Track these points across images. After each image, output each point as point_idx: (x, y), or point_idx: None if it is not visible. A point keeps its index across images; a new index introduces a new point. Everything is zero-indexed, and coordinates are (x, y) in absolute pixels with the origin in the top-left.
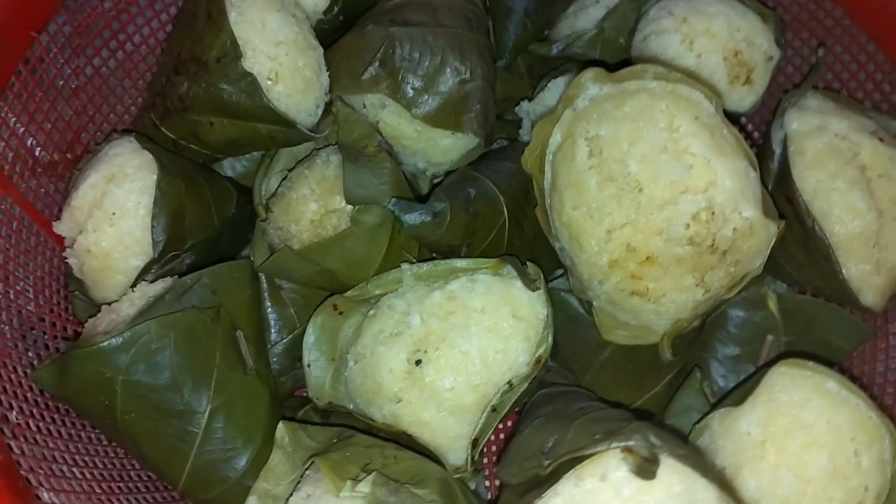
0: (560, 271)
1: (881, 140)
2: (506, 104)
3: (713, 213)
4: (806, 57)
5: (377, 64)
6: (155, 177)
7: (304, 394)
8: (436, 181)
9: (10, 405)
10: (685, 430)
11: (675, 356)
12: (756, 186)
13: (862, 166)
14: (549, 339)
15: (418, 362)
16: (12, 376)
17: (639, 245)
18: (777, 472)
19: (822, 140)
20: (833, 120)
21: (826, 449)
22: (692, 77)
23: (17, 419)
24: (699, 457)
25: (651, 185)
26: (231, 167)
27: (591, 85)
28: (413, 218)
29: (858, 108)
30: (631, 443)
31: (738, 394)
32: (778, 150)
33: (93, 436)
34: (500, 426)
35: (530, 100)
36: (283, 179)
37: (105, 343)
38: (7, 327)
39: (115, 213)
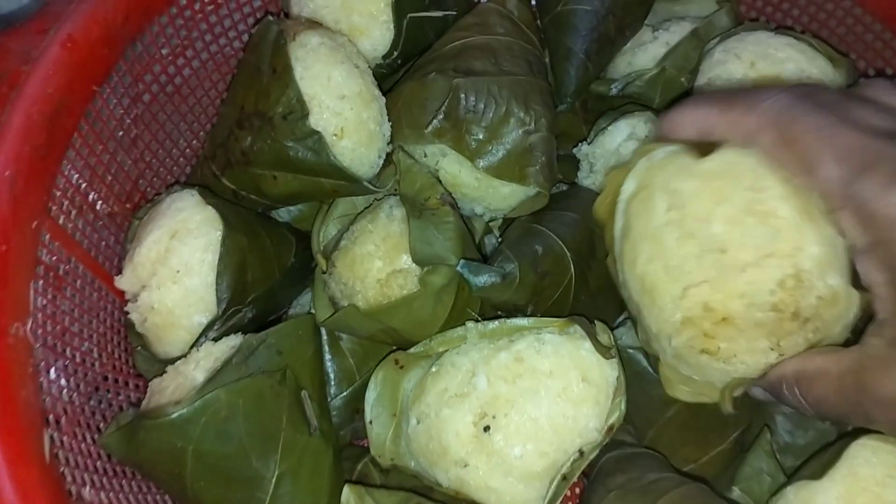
0: (623, 316)
1: None
2: (560, 139)
3: (800, 281)
4: None
5: (442, 116)
6: (219, 233)
7: (363, 443)
8: (490, 222)
9: (83, 480)
10: (755, 494)
11: (738, 412)
12: (842, 253)
13: None
14: (623, 406)
15: (486, 428)
16: (82, 445)
17: (717, 306)
18: None
19: None
20: None
21: None
22: None
23: (90, 495)
24: None
25: (736, 248)
26: (287, 211)
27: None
28: (482, 280)
29: None
30: None
31: (816, 465)
32: None
33: (158, 498)
34: (568, 493)
35: (589, 142)
36: (344, 230)
37: (176, 415)
38: (75, 393)
39: (180, 271)
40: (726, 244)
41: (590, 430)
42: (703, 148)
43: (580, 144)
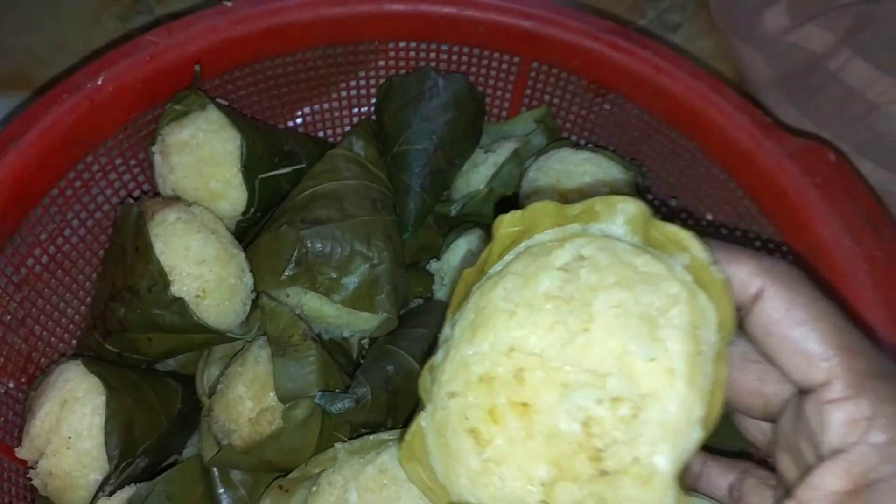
0: None
1: None
2: (421, 253)
3: (629, 423)
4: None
5: (293, 264)
6: (103, 397)
7: None
8: (363, 341)
9: None
10: None
11: None
12: (691, 448)
13: None
14: None
15: None
16: None
17: (531, 381)
18: None
19: None
20: None
21: None
22: None
23: None
24: None
25: (603, 336)
26: (173, 360)
27: (621, 224)
28: (338, 407)
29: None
30: None
31: None
32: None
33: None
34: None
35: (438, 258)
36: (221, 375)
37: None
38: None
39: (71, 437)
40: (597, 323)
41: None
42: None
43: (431, 261)
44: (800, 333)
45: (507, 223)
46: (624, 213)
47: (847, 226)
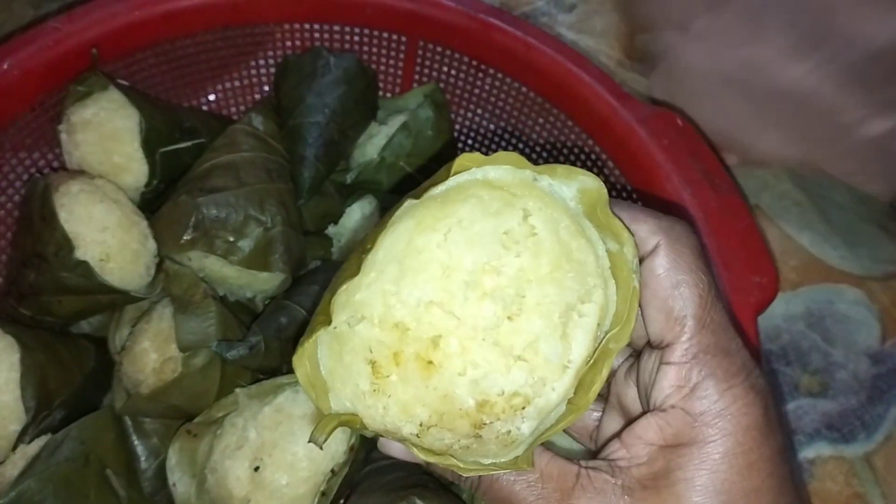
0: None
1: None
2: (323, 220)
3: (523, 408)
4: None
5: (191, 229)
6: (18, 355)
7: None
8: (267, 302)
9: None
10: None
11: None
12: (551, 421)
13: None
14: None
15: (257, 468)
16: None
17: (443, 354)
18: None
19: None
20: None
21: None
22: None
23: None
24: None
25: (521, 329)
26: (87, 323)
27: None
28: (233, 354)
29: None
30: None
31: None
32: None
33: None
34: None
35: (336, 223)
36: (130, 332)
37: None
38: None
39: None
40: (522, 315)
41: (339, 453)
42: None
43: (329, 226)
44: (669, 294)
45: (467, 159)
46: (580, 184)
47: (688, 181)
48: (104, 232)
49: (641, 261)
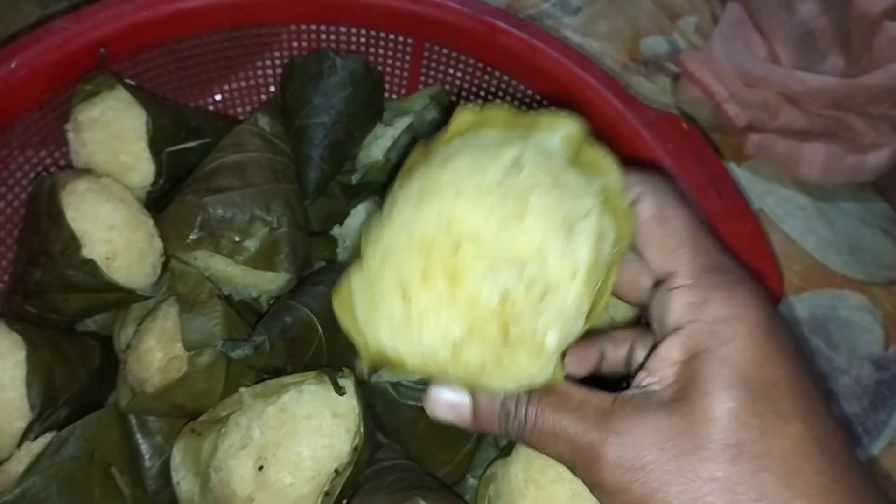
0: None
1: None
2: (328, 220)
3: (543, 296)
4: None
5: (198, 228)
6: (24, 352)
7: None
8: (272, 302)
9: None
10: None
11: None
12: (575, 334)
13: None
14: (362, 429)
15: (261, 468)
16: None
17: (467, 256)
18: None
19: None
20: None
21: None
22: None
23: None
24: None
25: (532, 221)
26: (93, 321)
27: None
28: (238, 353)
29: None
30: None
31: (510, 445)
32: None
33: None
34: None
35: (341, 224)
36: (136, 331)
37: (1, 501)
38: None
39: None
40: (527, 216)
41: (343, 453)
42: None
43: (335, 227)
44: (661, 231)
45: (463, 115)
46: (563, 131)
47: (693, 185)
48: (111, 230)
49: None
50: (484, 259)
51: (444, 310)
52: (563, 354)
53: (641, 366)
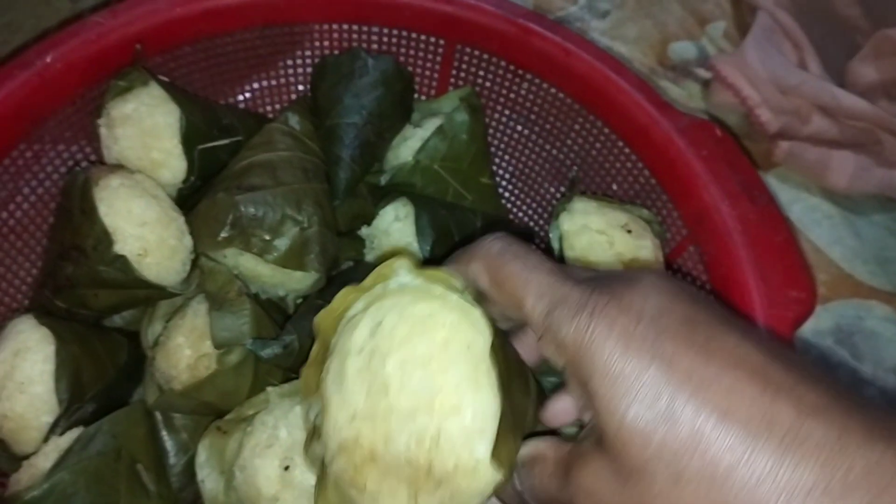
0: None
1: (629, 231)
2: (355, 221)
3: (437, 443)
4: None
5: (229, 227)
6: (53, 347)
7: None
8: (298, 301)
9: None
10: None
11: None
12: (495, 426)
13: (618, 253)
14: None
15: (287, 467)
16: None
17: (365, 442)
18: None
19: (585, 237)
20: (593, 218)
21: None
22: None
23: None
24: None
25: (396, 392)
26: (120, 317)
27: (405, 273)
28: (267, 353)
29: (613, 205)
30: None
31: None
32: (556, 247)
33: None
34: None
35: (369, 224)
36: (164, 328)
37: (29, 496)
38: None
39: (24, 382)
40: (392, 386)
41: None
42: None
43: (362, 227)
44: (507, 290)
45: (323, 319)
46: (403, 267)
47: (726, 193)
48: (143, 227)
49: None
50: (379, 437)
51: (386, 484)
52: (500, 449)
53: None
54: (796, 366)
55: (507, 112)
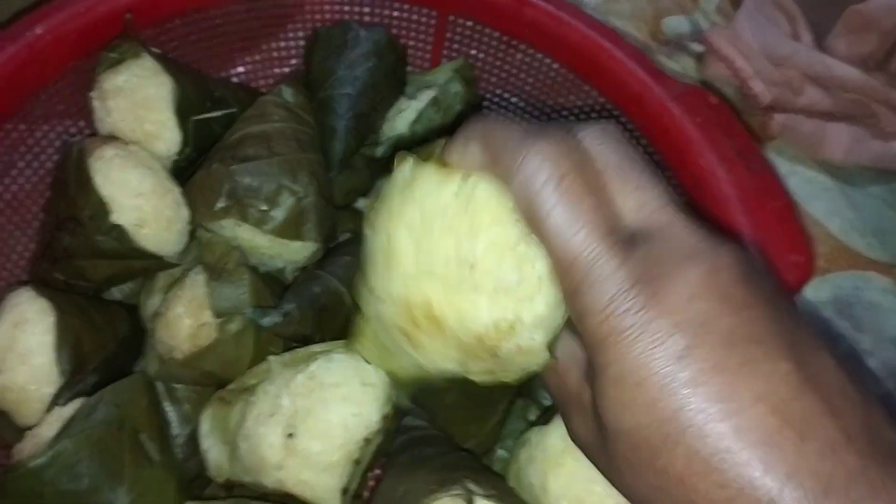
0: None
1: None
2: (351, 194)
3: (513, 329)
4: None
5: (225, 197)
6: (53, 318)
7: None
8: (296, 272)
9: None
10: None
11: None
12: (559, 316)
13: None
14: (392, 398)
15: (290, 435)
16: None
17: (437, 307)
18: (573, 476)
19: None
20: None
21: None
22: None
23: None
24: (508, 493)
25: (482, 272)
26: (119, 290)
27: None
28: (267, 321)
29: None
30: (453, 492)
31: (549, 415)
32: None
33: None
34: (372, 473)
35: (367, 196)
36: (163, 299)
37: (33, 464)
38: None
39: (25, 354)
40: (479, 263)
41: (373, 422)
42: None
43: (359, 199)
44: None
45: (402, 165)
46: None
47: (722, 158)
48: (139, 198)
49: None
50: (452, 308)
51: (439, 344)
52: (554, 341)
53: None
54: (829, 405)
55: (500, 83)
